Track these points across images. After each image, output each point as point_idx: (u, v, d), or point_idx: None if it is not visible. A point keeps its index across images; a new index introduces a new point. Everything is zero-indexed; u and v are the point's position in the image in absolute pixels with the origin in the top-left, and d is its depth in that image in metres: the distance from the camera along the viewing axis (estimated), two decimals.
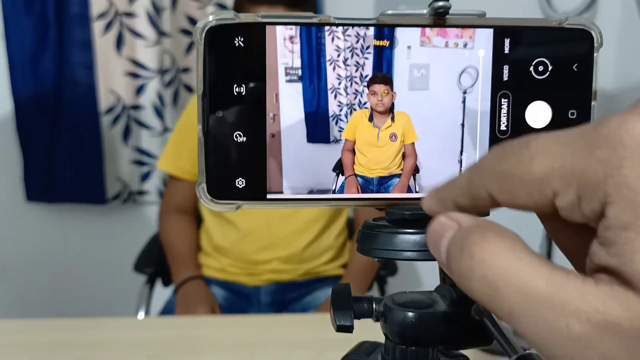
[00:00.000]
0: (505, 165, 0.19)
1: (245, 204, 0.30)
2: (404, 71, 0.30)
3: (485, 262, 0.18)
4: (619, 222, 0.16)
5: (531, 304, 0.17)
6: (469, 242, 0.19)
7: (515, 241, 0.18)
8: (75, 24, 1.87)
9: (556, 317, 0.16)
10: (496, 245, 0.18)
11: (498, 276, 0.17)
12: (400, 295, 0.33)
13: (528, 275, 0.17)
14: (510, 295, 0.17)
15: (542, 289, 0.17)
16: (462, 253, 0.19)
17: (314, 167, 0.30)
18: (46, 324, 1.05)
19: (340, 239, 1.46)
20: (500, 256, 0.18)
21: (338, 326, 0.32)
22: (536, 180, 0.18)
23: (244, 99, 0.29)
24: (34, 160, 1.96)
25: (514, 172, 0.18)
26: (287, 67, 0.29)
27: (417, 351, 0.32)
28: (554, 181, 0.18)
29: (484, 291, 0.18)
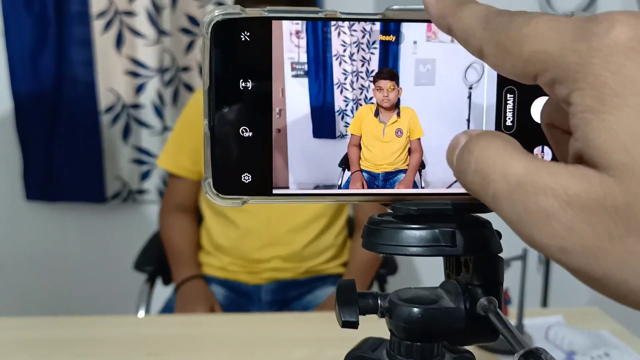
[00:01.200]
0: (505, 36, 0.20)
1: (251, 199, 0.30)
2: (409, 66, 0.30)
3: (478, 157, 0.20)
4: (581, 107, 0.18)
5: (510, 187, 0.19)
6: (469, 143, 0.21)
7: (508, 141, 0.20)
8: (75, 22, 1.87)
9: (528, 195, 0.18)
10: (490, 143, 0.20)
11: (487, 166, 0.20)
12: (405, 291, 0.33)
13: (510, 163, 0.19)
14: (495, 182, 0.19)
15: (520, 172, 0.19)
16: (463, 152, 0.21)
17: (320, 162, 0.30)
18: (46, 321, 1.05)
19: (341, 238, 1.46)
20: (491, 151, 0.20)
21: (343, 322, 0.32)
22: (523, 58, 0.20)
23: (250, 94, 0.29)
24: (34, 159, 1.96)
25: (508, 45, 0.20)
26: (293, 62, 0.29)
27: (423, 347, 0.32)
28: (537, 63, 0.19)
29: (476, 180, 0.20)
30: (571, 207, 0.18)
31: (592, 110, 0.18)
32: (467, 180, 0.21)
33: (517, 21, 0.20)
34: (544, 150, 0.31)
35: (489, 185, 0.20)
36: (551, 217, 0.18)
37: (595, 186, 0.17)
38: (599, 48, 0.18)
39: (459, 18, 0.23)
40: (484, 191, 0.20)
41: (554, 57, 0.19)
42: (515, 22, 0.20)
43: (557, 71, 0.19)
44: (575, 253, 0.18)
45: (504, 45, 0.20)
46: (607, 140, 0.17)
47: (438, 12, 0.24)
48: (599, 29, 0.18)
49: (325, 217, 1.40)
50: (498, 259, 0.31)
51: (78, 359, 0.89)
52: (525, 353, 0.25)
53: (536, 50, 0.19)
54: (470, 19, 0.22)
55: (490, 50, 0.21)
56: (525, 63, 0.20)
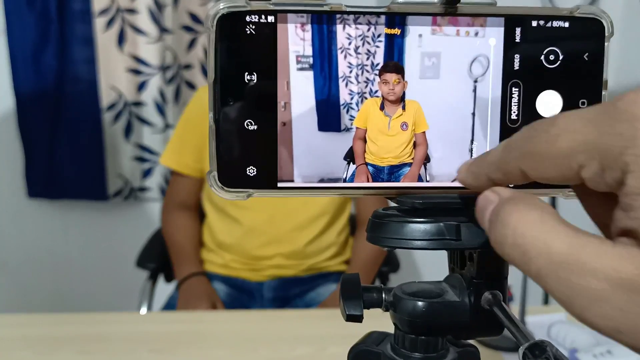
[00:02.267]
0: (535, 144, 0.21)
1: (256, 192, 0.30)
2: (415, 60, 0.30)
3: (515, 230, 0.20)
4: (636, 189, 0.18)
5: (555, 266, 0.19)
6: (502, 212, 0.21)
7: (544, 211, 0.20)
8: (77, 20, 1.87)
9: (576, 276, 0.18)
10: (526, 215, 0.20)
11: (526, 242, 0.20)
12: (410, 285, 0.33)
13: (552, 240, 0.19)
14: (537, 259, 0.19)
15: (565, 251, 0.19)
16: (497, 222, 0.21)
17: (325, 155, 0.30)
18: (49, 318, 1.05)
19: (343, 236, 1.46)
20: (528, 224, 0.20)
21: (348, 315, 0.32)
22: (563, 156, 0.20)
23: (255, 87, 0.29)
24: (36, 157, 1.96)
25: (542, 150, 0.20)
26: (298, 55, 0.29)
27: (427, 340, 0.32)
28: (579, 155, 0.19)
29: (515, 255, 0.20)
30: (623, 289, 0.17)
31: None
32: (505, 252, 0.21)
33: (540, 128, 0.20)
34: None
35: (530, 261, 0.19)
36: (602, 300, 0.18)
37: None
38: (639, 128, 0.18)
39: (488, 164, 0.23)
40: (526, 266, 0.20)
41: (596, 145, 0.19)
42: (538, 129, 0.21)
43: (603, 158, 0.19)
44: (631, 333, 0.18)
45: (539, 152, 0.20)
46: None
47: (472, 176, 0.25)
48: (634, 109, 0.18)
49: (327, 215, 1.41)
50: None
51: (80, 355, 0.89)
52: (530, 346, 0.25)
53: (575, 144, 0.19)
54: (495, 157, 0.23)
55: (529, 165, 0.21)
56: (567, 159, 0.20)
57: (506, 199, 0.21)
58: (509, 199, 0.21)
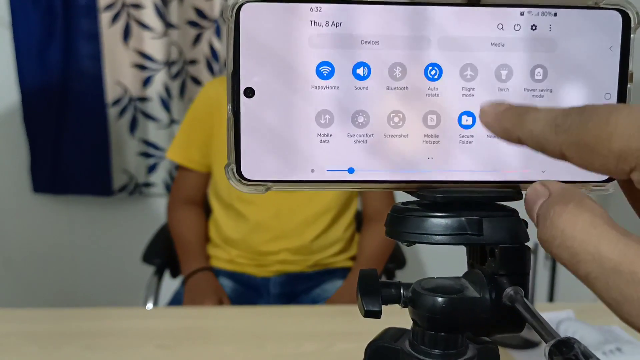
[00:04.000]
0: (585, 136, 0.20)
1: (275, 186, 0.29)
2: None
3: (564, 232, 0.20)
4: None
5: (604, 272, 0.19)
6: (551, 212, 0.21)
7: (595, 213, 0.20)
8: (83, 15, 1.86)
9: (627, 284, 0.18)
10: (576, 217, 0.20)
11: (575, 245, 0.19)
12: (429, 281, 0.33)
13: (603, 245, 0.19)
14: (587, 263, 0.19)
15: (615, 259, 0.18)
16: (546, 221, 0.21)
17: None
18: (55, 313, 1.05)
19: (349, 232, 1.45)
20: (578, 227, 0.20)
21: (366, 311, 0.31)
22: (614, 156, 0.20)
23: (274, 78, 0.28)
24: (41, 152, 1.96)
25: (592, 145, 0.20)
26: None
27: (447, 337, 0.31)
28: (632, 159, 0.19)
29: (564, 256, 0.20)
30: None
31: None
32: (554, 252, 0.20)
33: (595, 120, 0.20)
34: None
35: (579, 264, 0.19)
36: None
37: None
38: None
39: (526, 129, 0.23)
40: (575, 268, 0.20)
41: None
42: (593, 121, 0.20)
43: None
44: None
45: (588, 145, 0.20)
46: None
47: (502, 128, 0.24)
48: None
49: (333, 210, 1.40)
50: (525, 248, 0.30)
51: (87, 350, 0.89)
52: (557, 343, 0.24)
53: (628, 148, 0.19)
54: (538, 127, 0.22)
55: (573, 152, 0.21)
56: (618, 160, 0.20)
57: (556, 196, 0.21)
58: (559, 195, 0.21)
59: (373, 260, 1.37)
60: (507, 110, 0.24)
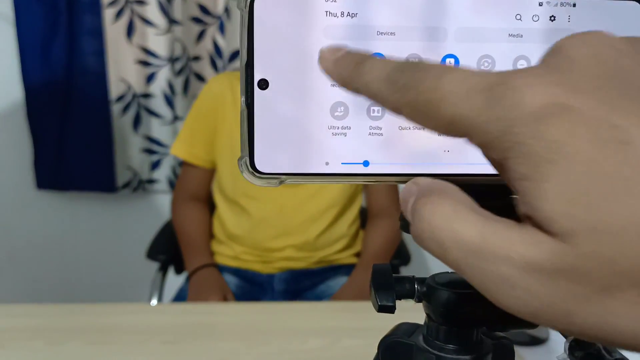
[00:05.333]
0: (415, 97, 0.20)
1: (289, 179, 0.29)
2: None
3: (430, 223, 0.19)
4: (518, 174, 0.18)
5: (469, 256, 0.18)
6: (417, 205, 0.20)
7: (456, 200, 0.20)
8: (86, 12, 1.86)
9: (489, 264, 0.18)
10: (438, 206, 0.20)
11: (441, 234, 0.19)
12: (442, 276, 0.32)
13: (464, 230, 0.19)
14: (453, 250, 0.19)
15: (476, 241, 0.18)
16: (414, 217, 0.20)
17: None
18: (60, 309, 1.05)
19: (354, 228, 1.45)
20: (440, 215, 0.19)
21: (380, 306, 0.31)
22: (444, 121, 0.19)
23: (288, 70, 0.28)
24: (45, 148, 1.96)
25: (424, 109, 0.20)
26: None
27: (461, 332, 0.31)
28: (460, 127, 0.19)
29: (434, 248, 0.19)
30: (530, 274, 0.17)
31: (529, 179, 0.17)
32: (425, 245, 0.20)
33: (426, 83, 0.19)
34: None
35: (447, 252, 0.19)
36: (514, 285, 0.18)
37: (550, 252, 0.17)
38: (518, 117, 0.17)
39: (363, 82, 0.22)
40: (444, 258, 0.19)
41: (476, 124, 0.18)
42: (424, 83, 0.20)
43: (483, 138, 0.18)
44: (548, 316, 0.18)
45: (419, 108, 0.20)
46: (551, 209, 0.17)
47: (339, 78, 0.23)
48: (513, 98, 0.18)
49: (338, 206, 1.40)
50: None
51: (91, 346, 0.89)
52: (576, 338, 0.24)
53: (456, 115, 0.19)
54: (374, 81, 0.21)
55: (408, 111, 0.20)
56: (449, 126, 0.19)
57: (422, 191, 0.21)
58: (425, 189, 0.21)
59: (378, 257, 1.37)
60: (344, 57, 0.23)
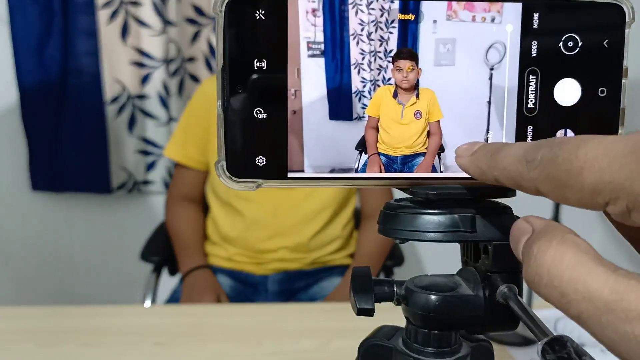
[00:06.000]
0: (556, 171, 0.20)
1: (266, 183, 0.29)
2: (429, 46, 0.29)
3: (550, 271, 0.19)
4: None
5: (597, 310, 0.18)
6: (535, 248, 0.20)
7: (580, 249, 0.19)
8: (81, 13, 1.86)
9: (621, 322, 0.17)
10: (561, 254, 0.19)
11: (563, 284, 0.19)
12: (422, 279, 0.32)
13: (592, 283, 0.18)
14: (578, 302, 0.18)
15: (607, 296, 0.18)
16: (530, 260, 0.20)
17: (336, 145, 0.29)
18: (53, 311, 1.05)
19: (348, 229, 1.45)
20: (564, 264, 0.19)
21: (359, 309, 0.31)
22: (587, 190, 0.19)
23: (264, 74, 0.28)
24: (39, 150, 1.95)
25: (564, 180, 0.20)
26: (309, 42, 0.28)
27: (440, 335, 0.31)
28: (605, 193, 0.19)
29: (553, 296, 0.19)
30: None
31: None
32: (542, 292, 0.20)
33: (564, 154, 0.20)
34: (566, 133, 0.30)
35: (570, 304, 0.19)
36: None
37: None
38: None
39: (500, 168, 0.22)
40: (566, 308, 0.19)
41: (623, 187, 0.18)
42: (562, 155, 0.20)
43: (631, 200, 0.18)
44: None
45: (560, 180, 0.20)
46: None
47: (478, 171, 0.24)
48: None
49: (331, 208, 1.40)
50: None
51: (84, 348, 0.89)
52: (550, 341, 0.24)
53: (601, 182, 0.19)
54: (511, 165, 0.22)
55: (547, 188, 0.20)
56: (592, 194, 0.19)
57: (539, 232, 0.20)
58: (542, 232, 0.20)
59: (371, 258, 1.37)
60: (480, 150, 0.24)
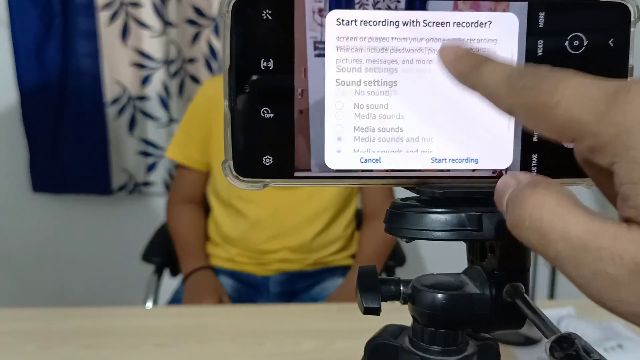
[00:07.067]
0: (534, 100, 0.20)
1: (273, 182, 0.29)
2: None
3: (532, 214, 0.20)
4: (628, 179, 0.18)
5: (573, 250, 0.19)
6: (520, 195, 0.21)
7: (561, 194, 0.20)
8: (81, 14, 1.86)
9: (594, 261, 0.18)
10: (543, 197, 0.20)
11: (544, 225, 0.19)
12: (428, 278, 0.32)
13: (570, 224, 0.19)
14: (555, 242, 0.19)
15: (582, 235, 0.19)
16: (515, 205, 0.21)
17: None
18: (54, 312, 1.04)
19: (349, 230, 1.45)
20: (546, 207, 0.20)
21: (365, 308, 0.31)
22: (558, 124, 0.20)
23: (271, 74, 0.28)
24: (40, 151, 1.95)
25: (539, 110, 0.20)
26: (315, 41, 0.28)
27: (446, 334, 0.31)
28: (573, 129, 0.20)
29: (533, 238, 0.20)
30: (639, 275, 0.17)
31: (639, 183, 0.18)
32: (522, 235, 0.21)
33: (545, 85, 0.20)
34: None
35: (549, 244, 0.19)
36: (621, 285, 0.18)
37: None
38: (634, 124, 0.18)
39: (481, 79, 0.23)
40: (544, 249, 0.20)
41: (590, 127, 0.19)
42: (543, 85, 0.20)
43: (595, 141, 0.19)
44: None
45: (535, 110, 0.21)
46: None
47: (458, 71, 0.24)
48: (634, 104, 0.18)
49: (333, 208, 1.40)
50: None
51: (86, 349, 0.89)
52: (558, 338, 0.24)
53: (571, 118, 0.19)
54: (493, 80, 0.22)
55: (521, 113, 0.21)
56: (561, 128, 0.20)
57: (525, 184, 0.21)
58: (528, 183, 0.21)
59: (373, 258, 1.37)
60: (465, 56, 0.24)
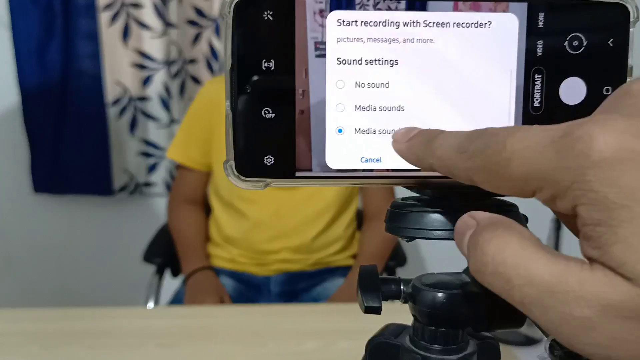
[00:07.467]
0: (487, 162, 0.20)
1: (274, 182, 0.29)
2: None
3: (495, 258, 0.19)
4: (590, 220, 0.18)
5: (539, 294, 0.18)
6: (480, 239, 0.20)
7: (522, 236, 0.20)
8: (82, 15, 1.86)
9: (561, 305, 0.18)
10: (505, 241, 0.20)
11: (508, 270, 0.19)
12: (429, 277, 0.33)
13: (534, 267, 0.19)
14: (521, 288, 0.19)
15: (547, 279, 0.18)
16: (476, 250, 0.20)
17: None
18: (55, 313, 1.05)
19: (350, 230, 1.45)
20: (508, 252, 0.19)
21: (366, 307, 0.31)
22: (516, 180, 0.20)
23: (272, 75, 0.28)
24: (41, 152, 1.96)
25: (495, 170, 0.20)
26: (317, 42, 0.29)
27: (447, 332, 0.31)
28: (532, 182, 0.19)
29: (497, 284, 0.19)
30: (608, 317, 0.17)
31: (602, 224, 0.17)
32: (486, 280, 0.20)
33: (493, 145, 0.20)
34: None
35: (513, 290, 0.19)
36: (590, 328, 0.17)
37: (626, 294, 0.17)
38: (588, 165, 0.18)
39: (435, 157, 0.23)
40: (509, 294, 0.19)
41: (546, 176, 0.19)
42: (491, 147, 0.20)
43: (555, 189, 0.19)
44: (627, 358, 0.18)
45: (491, 171, 0.20)
46: (627, 253, 0.17)
47: (414, 157, 0.24)
48: (581, 146, 0.18)
49: (334, 208, 1.40)
50: None
51: (87, 350, 0.89)
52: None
53: (527, 172, 0.19)
54: (445, 154, 0.22)
55: (480, 178, 0.21)
56: (521, 184, 0.20)
57: (484, 226, 0.21)
58: (487, 225, 0.21)
59: (374, 258, 1.37)
60: (416, 137, 0.24)
